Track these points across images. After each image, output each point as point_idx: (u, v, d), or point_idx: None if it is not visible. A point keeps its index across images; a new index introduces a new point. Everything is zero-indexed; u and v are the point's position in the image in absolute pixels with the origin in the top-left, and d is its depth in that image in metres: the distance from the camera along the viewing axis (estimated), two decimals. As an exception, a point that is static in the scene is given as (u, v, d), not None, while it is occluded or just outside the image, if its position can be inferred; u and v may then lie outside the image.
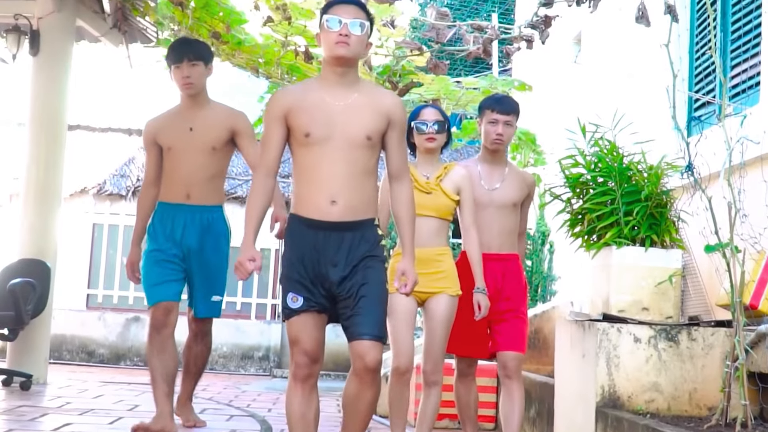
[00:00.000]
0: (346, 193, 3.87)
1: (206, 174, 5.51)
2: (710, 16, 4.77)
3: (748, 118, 5.08)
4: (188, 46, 5.57)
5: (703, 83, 6.95)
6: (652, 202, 5.56)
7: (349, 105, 3.90)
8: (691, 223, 5.63)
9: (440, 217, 5.05)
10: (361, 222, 3.93)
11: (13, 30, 8.66)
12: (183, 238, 5.50)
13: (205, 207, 5.53)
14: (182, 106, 5.60)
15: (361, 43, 3.91)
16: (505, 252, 5.32)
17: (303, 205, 3.94)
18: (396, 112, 3.97)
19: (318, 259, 3.90)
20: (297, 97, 3.94)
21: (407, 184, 4.08)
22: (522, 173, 5.44)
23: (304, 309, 3.92)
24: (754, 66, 6.11)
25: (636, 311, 5.38)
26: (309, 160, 3.90)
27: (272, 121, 3.95)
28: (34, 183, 8.43)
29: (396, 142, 4.01)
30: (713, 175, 5.37)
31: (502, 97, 5.30)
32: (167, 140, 5.51)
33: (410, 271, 4.06)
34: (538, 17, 5.62)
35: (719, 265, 4.87)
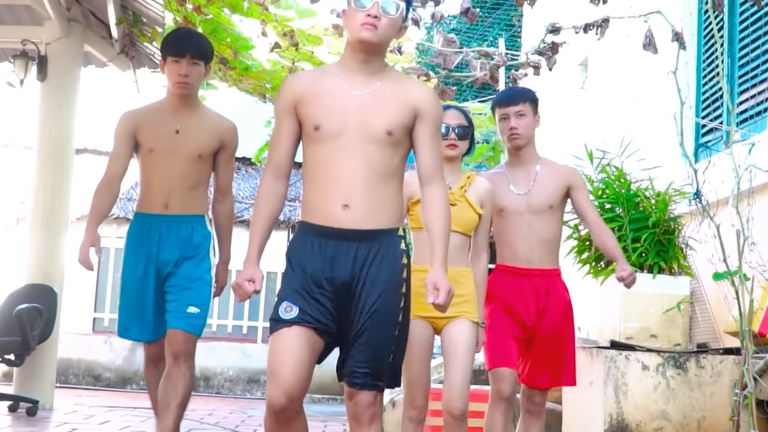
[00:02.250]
0: (361, 196, 3.30)
1: (188, 183, 4.78)
2: (717, 44, 4.78)
3: (757, 145, 5.07)
4: (193, 40, 4.81)
5: (711, 108, 6.94)
6: (659, 228, 5.56)
7: (369, 95, 3.36)
8: (699, 250, 5.62)
9: (464, 233, 4.37)
10: (380, 232, 3.34)
11: (20, 55, 8.69)
12: (159, 253, 4.79)
13: (184, 217, 4.81)
14: (169, 104, 4.82)
15: (393, 26, 3.35)
16: (548, 266, 4.54)
17: (311, 211, 3.38)
18: (426, 105, 3.40)
19: (326, 272, 3.31)
20: (309, 83, 3.41)
21: (440, 189, 3.45)
22: (555, 166, 4.64)
23: (297, 321, 3.25)
24: (761, 92, 6.11)
25: (644, 338, 5.37)
26: (319, 158, 3.35)
27: (282, 112, 3.43)
28: (41, 207, 8.43)
29: (426, 139, 3.41)
30: (721, 201, 5.36)
31: (507, 90, 4.75)
32: (149, 140, 4.78)
33: (443, 281, 3.32)
34: (545, 44, 5.63)
35: (727, 293, 4.85)
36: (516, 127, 4.51)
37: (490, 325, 4.47)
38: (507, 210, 4.51)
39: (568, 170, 4.63)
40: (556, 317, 4.47)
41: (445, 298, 3.30)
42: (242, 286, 3.32)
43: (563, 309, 4.51)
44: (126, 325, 4.84)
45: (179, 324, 4.73)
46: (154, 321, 4.79)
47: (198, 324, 4.76)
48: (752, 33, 6.32)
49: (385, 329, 3.34)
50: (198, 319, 4.75)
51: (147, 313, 4.79)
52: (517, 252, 4.50)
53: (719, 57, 4.90)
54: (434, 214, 3.42)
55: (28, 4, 8.11)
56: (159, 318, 4.78)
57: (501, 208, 4.53)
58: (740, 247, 4.52)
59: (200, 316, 4.75)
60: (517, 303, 4.47)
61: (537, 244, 4.49)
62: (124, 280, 4.86)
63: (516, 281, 4.48)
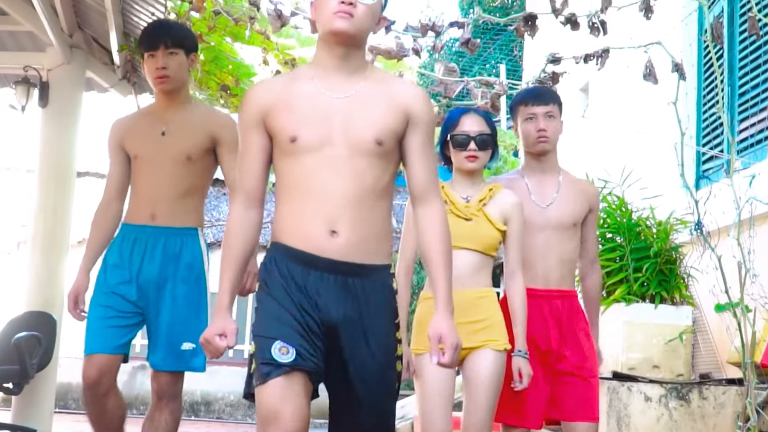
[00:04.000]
0: (352, 220, 2.80)
1: (177, 189, 4.26)
2: (717, 75, 4.77)
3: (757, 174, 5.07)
4: (166, 29, 4.37)
5: (711, 136, 6.94)
6: (661, 258, 5.55)
7: (352, 98, 2.86)
8: (700, 279, 5.60)
9: (483, 252, 3.84)
10: (373, 268, 2.87)
11: (22, 82, 8.70)
12: (141, 270, 4.23)
13: (173, 229, 4.26)
14: (157, 105, 4.40)
15: (371, 15, 2.88)
16: (568, 288, 4.07)
17: (290, 233, 2.86)
18: (419, 108, 2.91)
19: (310, 311, 2.81)
20: (279, 90, 2.90)
21: (438, 208, 2.95)
22: (579, 181, 4.22)
23: (297, 365, 2.75)
24: (762, 121, 6.10)
25: (647, 369, 5.34)
26: (297, 173, 2.84)
27: (248, 127, 2.90)
28: (41, 231, 8.42)
29: (419, 149, 2.92)
30: (722, 230, 5.35)
31: (533, 88, 4.29)
32: (134, 146, 4.33)
33: (449, 334, 2.84)
34: (546, 73, 5.62)
35: (730, 323, 4.84)
36: (545, 129, 4.03)
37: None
38: (526, 223, 3.97)
39: (592, 190, 4.25)
40: (580, 345, 4.01)
41: (451, 357, 2.84)
42: (212, 341, 2.81)
43: (585, 334, 4.06)
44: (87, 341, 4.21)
45: (172, 364, 4.23)
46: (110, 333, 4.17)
47: (196, 360, 4.25)
48: (752, 62, 6.32)
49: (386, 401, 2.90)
50: (195, 355, 4.23)
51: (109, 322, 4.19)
52: (535, 271, 4.00)
53: (719, 89, 4.90)
54: (433, 242, 2.92)
55: (31, 30, 8.11)
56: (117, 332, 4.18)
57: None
58: (742, 280, 4.51)
59: (196, 351, 4.22)
60: (536, 329, 3.96)
61: (557, 263, 4.02)
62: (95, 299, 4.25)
63: (534, 304, 3.96)
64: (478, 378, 3.74)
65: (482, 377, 3.74)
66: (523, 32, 5.17)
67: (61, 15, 7.78)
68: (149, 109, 4.50)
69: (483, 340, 3.76)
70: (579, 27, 5.05)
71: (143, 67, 4.36)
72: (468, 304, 3.75)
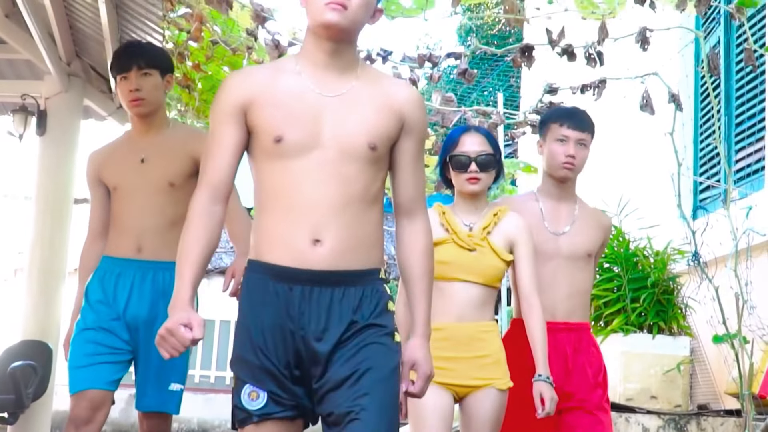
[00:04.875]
0: (337, 228, 2.55)
1: (163, 219, 3.98)
2: (714, 107, 4.79)
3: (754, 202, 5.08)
4: (138, 49, 4.13)
5: (708, 166, 6.95)
6: (658, 288, 5.55)
7: (344, 97, 2.62)
8: (698, 310, 5.60)
9: (486, 284, 3.59)
10: (361, 273, 2.60)
11: (20, 110, 8.71)
12: (128, 306, 3.95)
13: (162, 264, 3.95)
14: (132, 131, 4.13)
15: (366, 7, 2.62)
16: (577, 320, 3.81)
17: (270, 247, 2.59)
18: (414, 113, 2.69)
19: (292, 329, 2.54)
20: (264, 82, 2.63)
21: (423, 225, 2.74)
22: (596, 212, 3.98)
23: (269, 414, 2.54)
24: (758, 150, 6.12)
25: (644, 399, 5.32)
26: (281, 179, 2.58)
27: (224, 117, 2.62)
28: (38, 259, 8.40)
29: (410, 158, 2.70)
30: (719, 260, 5.35)
31: (574, 109, 3.99)
32: (112, 177, 4.06)
33: (424, 363, 2.64)
34: (543, 104, 5.64)
35: (727, 354, 4.83)
36: (574, 156, 3.76)
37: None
38: (536, 250, 3.71)
39: (607, 222, 4.00)
40: (586, 380, 3.75)
41: (422, 388, 2.64)
42: (176, 332, 2.43)
43: (596, 370, 3.79)
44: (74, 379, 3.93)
45: (159, 404, 3.99)
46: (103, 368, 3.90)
47: (179, 402, 4.01)
48: (748, 92, 6.34)
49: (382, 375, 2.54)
50: (179, 396, 4.01)
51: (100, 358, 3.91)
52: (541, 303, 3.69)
53: (716, 121, 4.90)
54: (416, 261, 2.71)
55: (29, 58, 8.13)
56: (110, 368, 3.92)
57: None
58: (739, 311, 4.50)
59: (181, 392, 4.02)
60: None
61: (566, 295, 3.77)
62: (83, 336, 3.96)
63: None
64: (480, 417, 3.54)
65: (485, 417, 3.54)
66: (519, 63, 5.19)
67: (59, 43, 7.81)
68: (126, 137, 4.23)
69: (486, 378, 3.54)
70: (576, 58, 5.07)
71: (117, 91, 4.08)
72: (472, 337, 3.56)
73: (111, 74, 4.15)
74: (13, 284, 14.08)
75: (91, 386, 3.88)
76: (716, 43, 6.83)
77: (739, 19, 4.57)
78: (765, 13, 5.92)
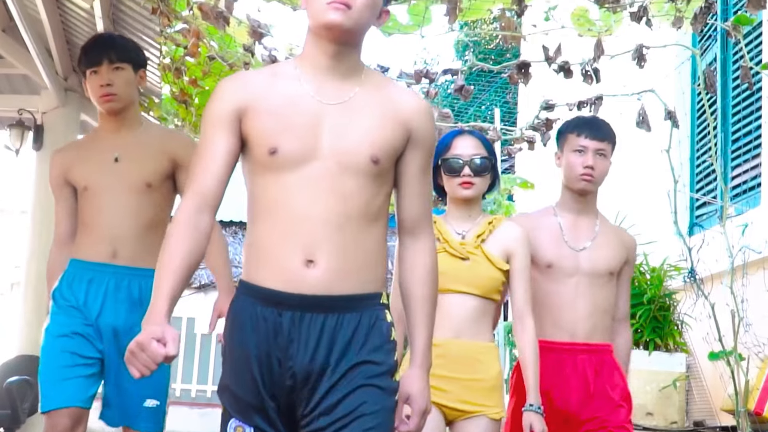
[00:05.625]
0: (333, 248, 2.35)
1: (139, 222, 3.70)
2: (710, 125, 4.80)
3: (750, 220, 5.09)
4: (109, 42, 3.82)
5: (704, 182, 6.96)
6: (655, 305, 5.55)
7: (346, 106, 2.42)
8: (694, 326, 5.60)
9: (483, 296, 3.33)
10: (359, 298, 2.38)
11: (17, 125, 8.71)
12: (102, 314, 3.64)
13: (138, 270, 3.66)
14: (104, 129, 3.83)
15: (372, 7, 2.42)
16: (598, 341, 3.54)
17: (260, 268, 2.40)
18: (421, 125, 2.46)
19: (280, 358, 2.34)
20: (259, 87, 2.44)
21: (429, 245, 2.52)
22: (618, 230, 3.79)
23: None
24: (754, 167, 6.13)
25: (640, 416, 5.32)
26: (274, 192, 2.38)
27: (217, 123, 2.41)
28: (34, 273, 8.39)
29: (417, 174, 2.48)
30: (715, 277, 5.35)
31: (593, 118, 3.82)
32: (82, 177, 3.75)
33: (420, 397, 2.43)
34: (540, 120, 5.65)
35: (723, 371, 4.83)
36: (593, 167, 3.53)
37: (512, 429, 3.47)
38: (555, 267, 3.53)
39: (631, 240, 3.76)
40: (608, 406, 3.47)
41: (417, 425, 2.42)
42: (147, 347, 2.17)
43: (618, 396, 3.51)
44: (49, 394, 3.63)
45: (125, 420, 3.68)
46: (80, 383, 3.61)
47: (160, 420, 3.69)
48: (744, 109, 6.36)
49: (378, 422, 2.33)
50: (159, 413, 3.69)
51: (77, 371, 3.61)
52: (559, 321, 3.52)
53: (712, 138, 4.92)
54: (418, 284, 2.50)
55: (25, 73, 8.16)
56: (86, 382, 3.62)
57: (549, 263, 3.56)
58: (735, 328, 4.50)
59: (161, 409, 3.70)
60: (555, 386, 3.47)
61: (587, 314, 3.52)
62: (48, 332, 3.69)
63: (555, 359, 3.49)
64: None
65: None
66: (516, 80, 5.20)
67: (56, 58, 7.83)
68: (94, 135, 3.99)
69: (479, 405, 3.27)
70: (572, 75, 5.08)
71: (85, 87, 3.78)
72: (468, 357, 3.31)
73: (79, 69, 3.81)
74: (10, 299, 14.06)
75: (69, 404, 3.59)
76: (712, 61, 6.85)
77: (736, 36, 4.58)
78: (761, 30, 5.94)
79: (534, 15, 5.40)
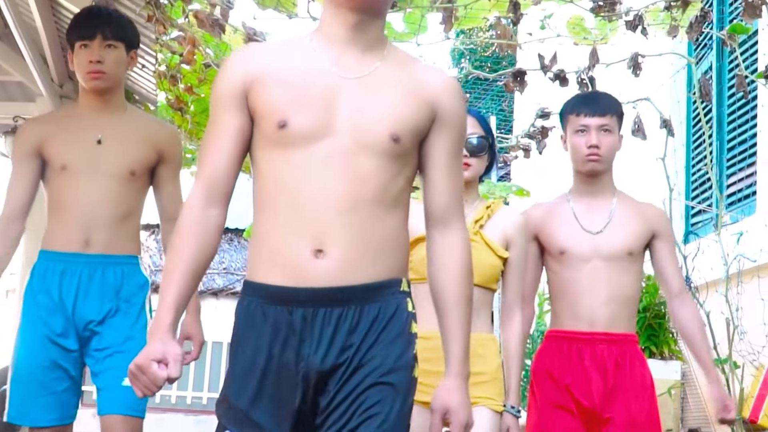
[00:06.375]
0: (344, 234, 2.11)
1: (117, 211, 3.46)
2: (705, 133, 4.81)
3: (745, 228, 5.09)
4: (105, 16, 3.52)
5: (699, 190, 6.97)
6: (650, 313, 5.55)
7: (365, 80, 2.20)
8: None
9: (481, 285, 3.06)
10: (377, 287, 2.16)
11: (12, 132, 8.68)
12: (75, 309, 3.41)
13: (113, 258, 3.45)
14: (85, 106, 3.53)
15: None
16: (620, 330, 3.33)
17: (265, 262, 2.18)
18: (449, 103, 2.25)
19: (292, 363, 2.13)
20: (269, 58, 2.23)
21: (461, 236, 2.28)
22: (639, 205, 3.54)
23: None
24: (750, 176, 6.13)
25: (635, 424, 5.31)
26: (281, 173, 2.17)
27: (223, 102, 2.22)
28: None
29: (445, 157, 2.26)
30: (710, 285, 5.35)
31: (591, 94, 3.68)
32: (61, 154, 3.46)
33: (460, 409, 2.18)
34: (535, 128, 5.66)
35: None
36: (598, 146, 3.35)
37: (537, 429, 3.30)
38: (570, 253, 3.36)
39: (654, 211, 3.54)
40: (632, 400, 3.26)
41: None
42: (147, 370, 2.06)
43: (640, 389, 3.30)
44: (21, 408, 3.48)
45: (114, 407, 3.39)
46: (62, 399, 3.42)
47: (138, 402, 3.35)
48: (740, 117, 6.37)
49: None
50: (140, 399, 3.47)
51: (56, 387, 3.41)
52: (578, 310, 3.33)
53: (707, 147, 4.93)
54: (451, 280, 2.24)
55: (20, 80, 8.14)
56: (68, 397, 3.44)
57: (562, 249, 3.38)
58: (730, 336, 4.51)
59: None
60: (576, 380, 3.29)
61: (606, 301, 3.31)
62: (22, 348, 3.46)
63: (574, 350, 3.32)
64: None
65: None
66: (512, 88, 5.20)
67: (51, 65, 7.81)
68: (72, 111, 3.66)
69: (477, 397, 2.90)
70: (568, 83, 5.08)
71: (71, 61, 3.51)
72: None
73: (68, 41, 3.51)
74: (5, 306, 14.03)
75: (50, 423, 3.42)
76: (708, 69, 6.87)
77: (731, 45, 4.59)
78: (757, 39, 5.96)
79: (530, 23, 5.41)
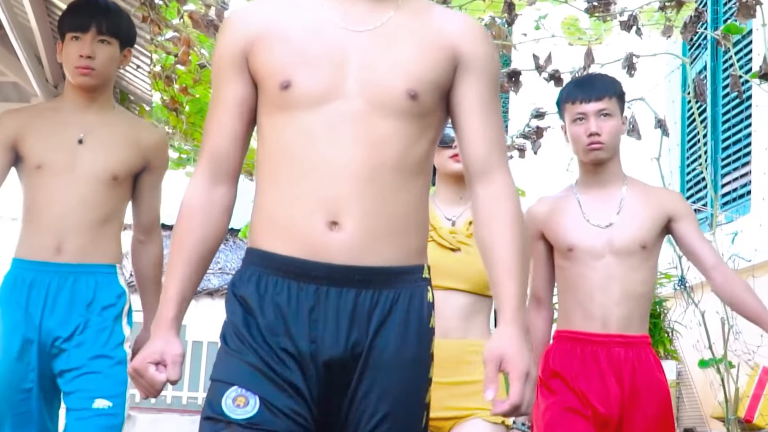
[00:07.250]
0: (363, 205, 1.92)
1: (94, 216, 3.19)
2: (700, 133, 4.82)
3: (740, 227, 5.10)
4: (103, 9, 3.23)
5: (694, 190, 6.98)
6: (645, 312, 5.54)
7: (377, 32, 1.99)
8: (685, 334, 5.61)
9: (475, 292, 2.91)
10: (398, 272, 1.97)
11: (6, 132, 8.71)
12: (45, 319, 3.12)
13: (86, 267, 3.17)
14: (69, 102, 3.27)
15: None
16: (634, 332, 3.14)
17: (271, 231, 1.97)
18: (473, 46, 2.02)
19: (299, 348, 1.91)
20: (270, 16, 2.03)
21: (505, 184, 2.03)
22: (652, 190, 3.34)
23: (257, 423, 1.85)
24: (744, 175, 6.14)
25: (631, 424, 5.32)
26: (287, 139, 1.96)
27: (223, 69, 2.04)
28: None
29: (474, 102, 2.01)
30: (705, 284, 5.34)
31: (586, 77, 3.50)
32: (38, 151, 3.19)
33: (518, 356, 1.90)
34: (530, 128, 5.66)
35: (713, 378, 4.83)
36: (598, 133, 3.14)
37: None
38: (579, 249, 3.15)
39: (668, 195, 3.38)
40: (649, 407, 3.09)
41: (520, 393, 1.88)
42: (145, 374, 1.94)
43: (656, 394, 3.13)
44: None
45: (83, 429, 3.07)
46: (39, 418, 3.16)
47: (113, 425, 3.09)
48: (734, 116, 6.38)
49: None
50: (112, 417, 3.09)
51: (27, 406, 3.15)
52: (590, 310, 3.12)
53: (702, 147, 4.93)
54: (496, 227, 2.00)
55: (15, 81, 8.13)
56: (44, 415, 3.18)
57: (570, 246, 3.17)
58: (725, 336, 4.51)
59: (115, 412, 3.10)
60: (593, 386, 3.08)
61: (620, 300, 3.10)
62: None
63: (588, 353, 3.11)
64: None
65: None
66: (507, 88, 5.21)
67: (46, 65, 7.81)
68: (55, 106, 3.37)
69: (472, 408, 2.78)
70: (563, 83, 5.09)
71: (59, 52, 3.25)
72: (457, 360, 2.85)
73: (59, 29, 3.26)
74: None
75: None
76: (702, 69, 6.88)
77: (725, 45, 4.60)
78: (751, 39, 5.96)
79: (524, 23, 5.42)
